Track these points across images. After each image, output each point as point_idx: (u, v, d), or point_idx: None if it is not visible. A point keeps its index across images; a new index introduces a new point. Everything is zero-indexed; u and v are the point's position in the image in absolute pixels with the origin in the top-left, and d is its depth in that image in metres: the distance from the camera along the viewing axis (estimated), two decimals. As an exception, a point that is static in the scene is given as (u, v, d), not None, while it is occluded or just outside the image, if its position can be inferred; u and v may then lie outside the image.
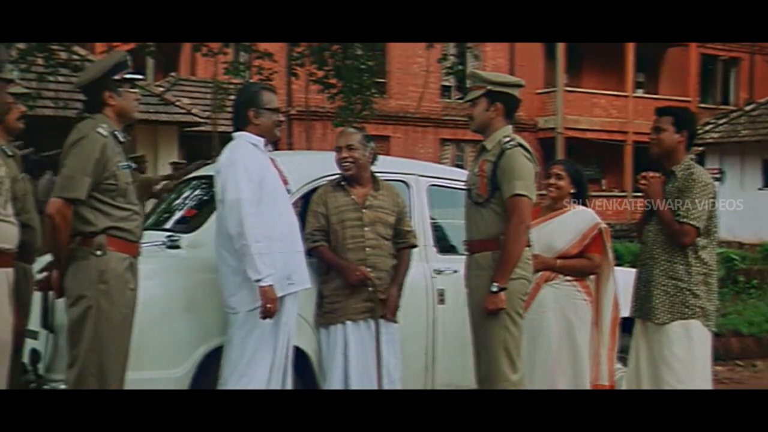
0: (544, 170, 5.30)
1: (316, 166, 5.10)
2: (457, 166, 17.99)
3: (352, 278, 4.63)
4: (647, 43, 22.23)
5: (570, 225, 5.02)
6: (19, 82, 4.20)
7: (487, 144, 4.49)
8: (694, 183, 4.37)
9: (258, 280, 4.16)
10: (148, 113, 14.77)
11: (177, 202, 5.46)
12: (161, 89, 17.04)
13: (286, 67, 13.27)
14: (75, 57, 12.07)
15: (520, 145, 4.40)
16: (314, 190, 4.89)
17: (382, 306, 4.71)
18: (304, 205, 4.97)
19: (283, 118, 4.58)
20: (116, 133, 4.03)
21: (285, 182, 4.52)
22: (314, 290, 4.72)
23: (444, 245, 5.30)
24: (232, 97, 13.64)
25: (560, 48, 24.36)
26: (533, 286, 4.70)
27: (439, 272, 5.14)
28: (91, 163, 3.86)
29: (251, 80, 13.46)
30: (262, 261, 4.17)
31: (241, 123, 4.48)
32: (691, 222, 4.34)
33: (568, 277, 4.96)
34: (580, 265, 5.00)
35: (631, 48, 25.61)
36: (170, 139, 15.34)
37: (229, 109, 13.17)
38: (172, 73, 20.04)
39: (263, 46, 13.18)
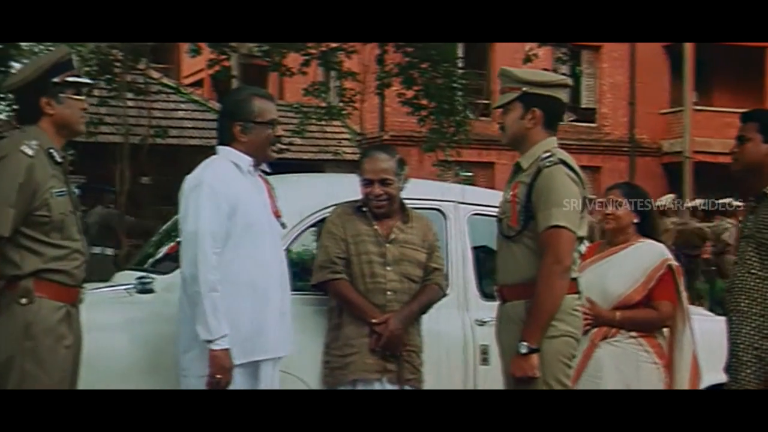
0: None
1: (328, 191, 4.48)
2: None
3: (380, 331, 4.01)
4: None
5: (630, 264, 4.23)
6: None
7: (523, 162, 3.75)
8: None
9: (208, 342, 3.51)
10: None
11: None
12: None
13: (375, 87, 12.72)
14: (139, 80, 11.86)
15: (563, 162, 3.63)
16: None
17: (410, 369, 4.07)
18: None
19: (281, 133, 3.91)
20: (52, 150, 3.43)
21: (277, 214, 3.87)
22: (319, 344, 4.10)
23: (489, 289, 4.50)
24: (313, 121, 13.66)
25: (688, 62, 23.14)
26: (588, 345, 4.00)
27: (482, 323, 4.41)
28: (14, 191, 3.28)
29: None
30: (215, 316, 3.50)
31: (224, 137, 3.82)
32: None
33: (632, 333, 4.16)
34: (645, 316, 4.20)
35: (770, 61, 24.16)
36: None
37: (307, 135, 12.72)
38: (256, 97, 19.83)
39: (347, 64, 12.81)
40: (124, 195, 10.23)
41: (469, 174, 18.89)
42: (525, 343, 3.50)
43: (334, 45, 12.20)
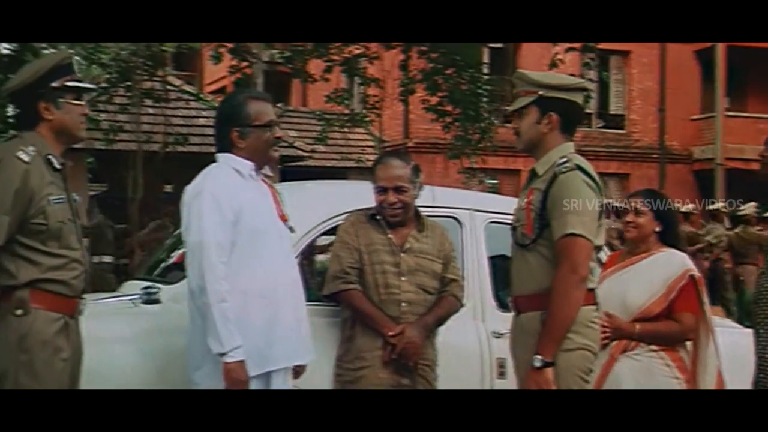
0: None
1: (341, 198, 4.38)
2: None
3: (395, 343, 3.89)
4: None
5: (650, 274, 4.06)
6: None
7: (539, 168, 3.62)
8: None
9: (221, 354, 3.39)
10: (246, 146, 14.35)
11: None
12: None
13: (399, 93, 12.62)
14: (158, 88, 11.82)
15: (579, 168, 3.50)
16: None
17: (424, 384, 3.97)
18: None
19: (280, 134, 3.81)
20: (50, 157, 3.34)
21: (284, 219, 3.75)
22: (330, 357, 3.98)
23: (507, 300, 4.34)
24: (336, 128, 13.58)
25: (719, 67, 22.84)
26: (606, 359, 3.85)
27: (499, 335, 4.29)
28: (9, 198, 3.19)
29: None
30: (226, 327, 3.38)
31: (223, 144, 3.71)
32: None
33: (653, 346, 3.99)
34: (666, 329, 4.03)
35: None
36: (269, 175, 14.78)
37: (330, 142, 12.65)
38: (279, 104, 19.81)
39: (370, 71, 12.73)
40: (137, 203, 10.19)
41: (495, 182, 18.75)
42: (539, 357, 3.37)
43: (357, 51, 12.13)
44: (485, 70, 13.47)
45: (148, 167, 10.98)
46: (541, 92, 3.59)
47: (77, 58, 15.42)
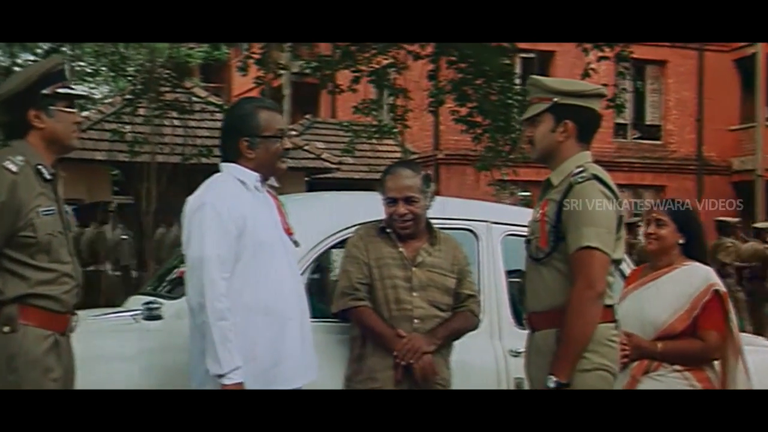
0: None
1: (349, 210, 4.23)
2: (635, 215, 16.57)
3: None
4: None
5: (673, 290, 3.91)
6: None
7: (554, 178, 3.49)
8: None
9: (219, 376, 3.26)
10: (273, 158, 14.34)
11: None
12: (293, 132, 16.77)
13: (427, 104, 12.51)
14: (182, 99, 11.79)
15: (596, 178, 3.37)
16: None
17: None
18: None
19: (290, 145, 3.69)
20: (40, 166, 3.23)
21: (289, 232, 3.63)
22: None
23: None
24: (363, 139, 13.49)
25: (760, 76, 22.51)
26: (628, 380, 3.71)
27: (516, 354, 4.11)
28: None
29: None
30: (225, 347, 3.25)
31: (230, 154, 3.59)
32: None
33: (677, 366, 3.84)
34: (690, 347, 3.88)
35: None
36: (296, 188, 14.80)
37: (358, 154, 12.56)
38: (307, 115, 19.82)
39: (398, 81, 12.64)
40: (150, 215, 10.15)
41: (527, 194, 18.53)
42: (553, 378, 3.24)
43: (385, 61, 12.04)
44: (516, 80, 13.32)
45: (171, 179, 10.95)
46: (555, 99, 3.47)
47: (103, 68, 15.56)
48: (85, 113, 14.79)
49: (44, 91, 3.25)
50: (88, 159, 13.39)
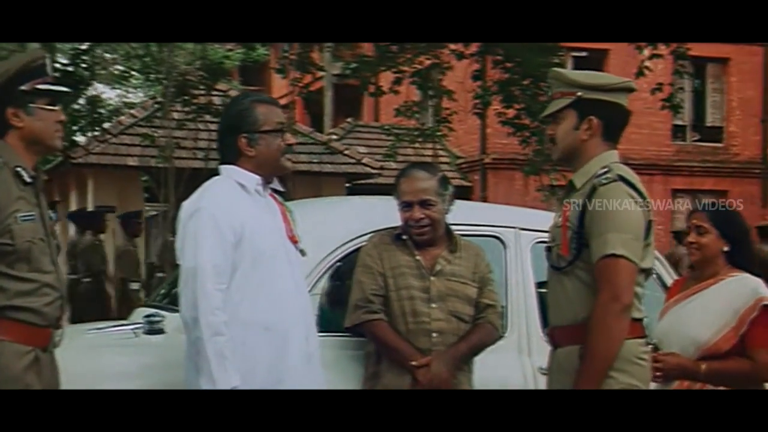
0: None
1: (362, 217, 4.08)
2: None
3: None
4: None
5: (717, 304, 3.66)
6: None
7: (577, 180, 3.30)
8: None
9: None
10: (311, 163, 14.48)
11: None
12: (334, 136, 16.65)
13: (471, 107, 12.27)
14: (216, 102, 11.67)
15: (622, 179, 3.17)
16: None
17: None
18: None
19: (293, 141, 3.51)
20: (19, 169, 3.08)
21: (294, 240, 3.44)
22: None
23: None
24: (406, 143, 13.28)
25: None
26: None
27: (546, 372, 3.84)
28: None
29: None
30: (221, 365, 3.10)
31: (229, 155, 3.41)
32: None
33: (721, 388, 3.58)
34: (737, 368, 3.62)
35: None
36: (336, 194, 14.69)
37: (401, 158, 12.38)
38: (349, 119, 19.70)
39: (444, 82, 12.43)
40: (169, 220, 10.05)
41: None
42: None
43: (428, 62, 11.84)
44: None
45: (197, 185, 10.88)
46: (579, 93, 3.28)
47: (134, 72, 15.53)
48: (121, 117, 14.79)
49: (23, 88, 3.10)
50: (120, 165, 13.39)
